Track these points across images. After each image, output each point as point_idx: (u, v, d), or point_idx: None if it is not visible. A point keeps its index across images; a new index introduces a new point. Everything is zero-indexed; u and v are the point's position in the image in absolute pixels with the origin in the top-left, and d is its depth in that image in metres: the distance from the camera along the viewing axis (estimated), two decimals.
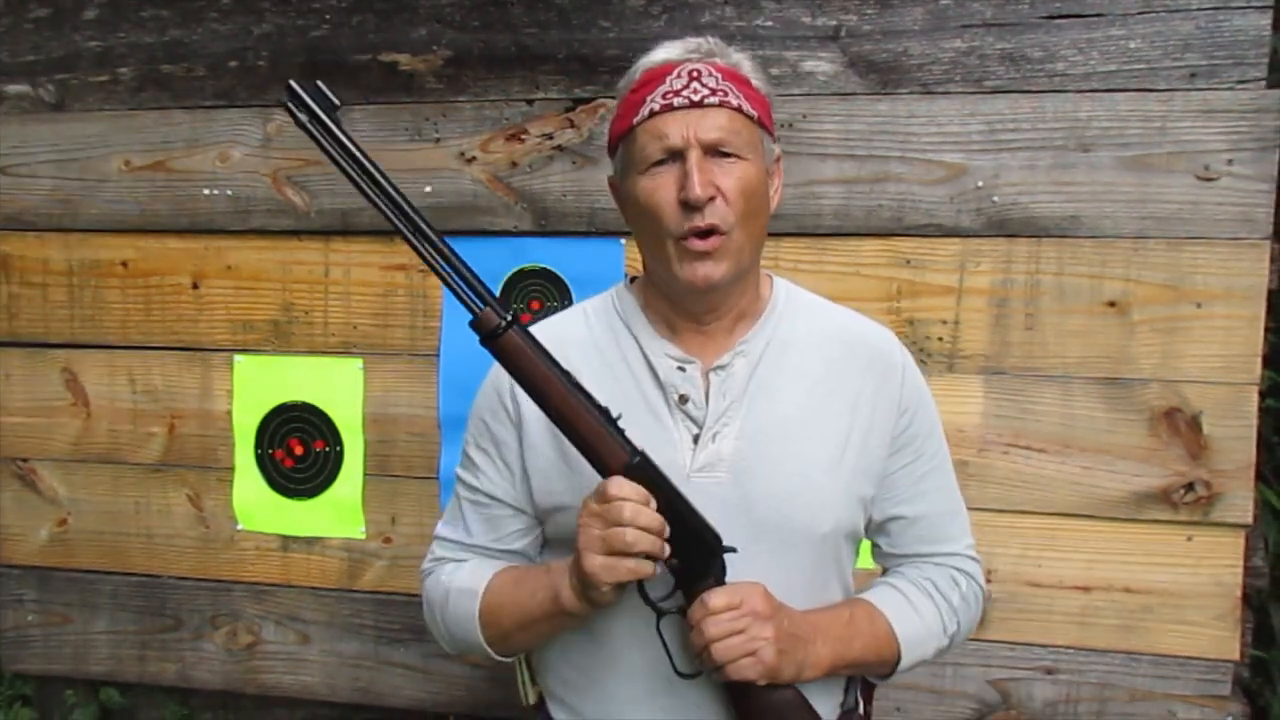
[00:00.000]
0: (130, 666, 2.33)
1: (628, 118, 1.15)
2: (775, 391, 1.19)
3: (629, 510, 1.03)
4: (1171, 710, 1.88)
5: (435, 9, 2.05)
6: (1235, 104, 1.76)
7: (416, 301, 2.09)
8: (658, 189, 1.12)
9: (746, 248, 1.15)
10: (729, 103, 1.11)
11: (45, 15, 2.23)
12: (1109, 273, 1.83)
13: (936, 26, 1.87)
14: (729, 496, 1.15)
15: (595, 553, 1.04)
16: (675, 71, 1.12)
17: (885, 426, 1.22)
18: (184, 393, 2.22)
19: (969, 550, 1.30)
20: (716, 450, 1.17)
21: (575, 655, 1.23)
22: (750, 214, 1.13)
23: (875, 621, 1.20)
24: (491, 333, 1.07)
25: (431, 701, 2.19)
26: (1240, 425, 1.81)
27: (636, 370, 1.21)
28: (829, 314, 1.28)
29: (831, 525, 1.18)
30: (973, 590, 1.29)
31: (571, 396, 1.06)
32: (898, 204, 1.89)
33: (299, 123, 1.05)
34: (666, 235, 1.12)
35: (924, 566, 1.28)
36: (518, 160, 2.03)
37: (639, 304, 1.24)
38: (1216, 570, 1.83)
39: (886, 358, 1.24)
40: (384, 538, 2.16)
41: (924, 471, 1.26)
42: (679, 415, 1.18)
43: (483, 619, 1.19)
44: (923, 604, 1.24)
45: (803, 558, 1.18)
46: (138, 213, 2.20)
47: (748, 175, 1.12)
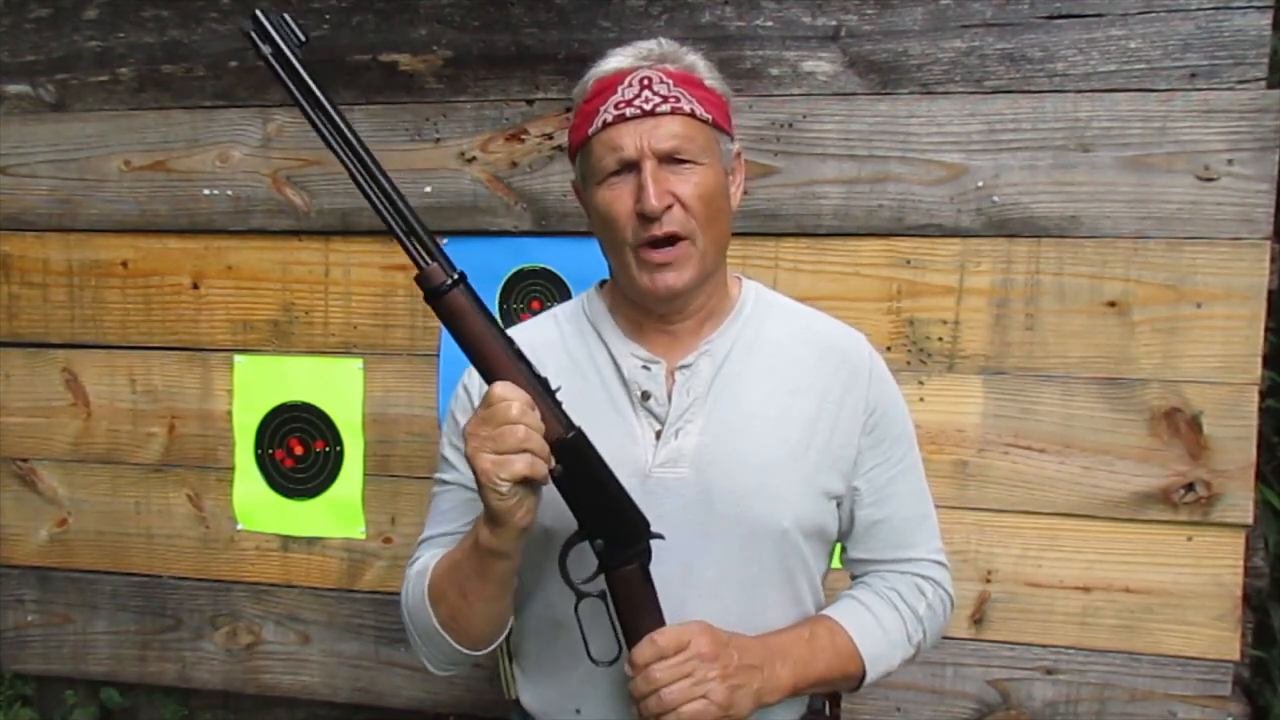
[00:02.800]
0: (130, 666, 2.33)
1: (583, 129, 1.16)
2: (740, 390, 1.20)
3: (515, 408, 1.00)
4: (1171, 710, 1.88)
5: (435, 9, 2.05)
6: (1235, 104, 1.76)
7: (416, 301, 2.08)
8: (614, 200, 1.13)
9: (710, 252, 1.15)
10: (681, 109, 1.12)
11: (45, 15, 2.23)
12: (1109, 273, 1.83)
13: (936, 26, 1.86)
14: (689, 491, 1.16)
15: (484, 453, 1.00)
16: (626, 80, 1.12)
17: (852, 426, 1.22)
18: (184, 393, 2.22)
19: (936, 554, 1.30)
20: (679, 446, 1.17)
21: (542, 639, 1.24)
22: (710, 218, 1.14)
23: (837, 637, 1.20)
24: (435, 290, 1.03)
25: (431, 701, 2.19)
26: (1240, 425, 1.80)
27: (603, 370, 1.22)
28: (799, 316, 1.29)
29: (791, 520, 1.18)
30: (939, 597, 1.29)
31: (511, 365, 1.03)
32: (898, 204, 1.89)
33: (260, 55, 1.02)
34: (625, 245, 1.14)
35: (889, 576, 1.28)
36: (518, 160, 2.03)
37: (607, 306, 1.26)
38: (1216, 570, 1.83)
39: (854, 359, 1.25)
40: (384, 538, 2.16)
41: (892, 475, 1.26)
42: (642, 412, 1.19)
43: (431, 594, 1.17)
44: (886, 615, 1.24)
45: (764, 553, 1.18)
46: (138, 213, 2.20)
47: (705, 181, 1.13)
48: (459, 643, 1.17)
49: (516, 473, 0.99)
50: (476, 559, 1.09)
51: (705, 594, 1.16)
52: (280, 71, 1.02)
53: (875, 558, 1.28)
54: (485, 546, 1.07)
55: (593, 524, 1.08)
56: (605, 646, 1.12)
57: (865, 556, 1.29)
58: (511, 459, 0.99)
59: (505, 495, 1.00)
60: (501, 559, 1.08)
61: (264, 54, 1.02)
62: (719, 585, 1.17)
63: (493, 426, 1.00)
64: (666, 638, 1.07)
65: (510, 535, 1.05)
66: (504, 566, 1.10)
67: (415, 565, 1.24)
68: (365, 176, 1.04)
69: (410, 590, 1.21)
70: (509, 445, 0.99)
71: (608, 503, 1.07)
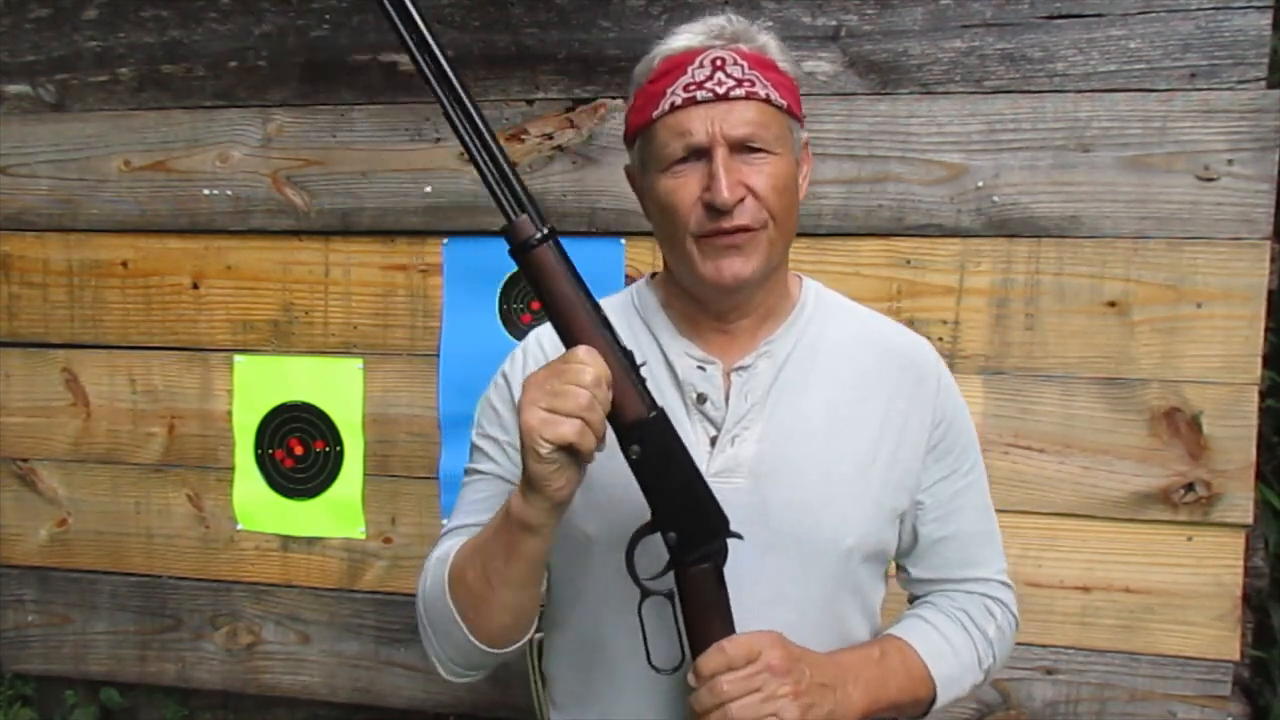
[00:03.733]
0: (130, 666, 2.33)
1: (646, 111, 1.06)
2: (801, 395, 1.12)
3: (590, 374, 0.91)
4: (1171, 710, 1.88)
5: (435, 9, 2.05)
6: (1235, 104, 1.76)
7: (416, 301, 2.09)
8: (679, 188, 1.05)
9: (779, 244, 1.08)
10: (756, 94, 1.03)
11: (45, 15, 2.23)
12: (1109, 273, 1.83)
13: (936, 26, 1.86)
14: (746, 503, 1.07)
15: (538, 406, 0.91)
16: (697, 60, 1.04)
17: (919, 439, 1.15)
18: (184, 393, 2.22)
19: (1002, 575, 1.23)
20: (735, 454, 1.10)
21: (577, 663, 1.17)
22: (783, 211, 1.07)
23: (908, 659, 1.12)
24: (524, 244, 0.95)
25: (432, 702, 2.19)
26: (1240, 425, 1.80)
27: (654, 368, 1.14)
28: (862, 319, 1.22)
29: (855, 539, 1.11)
30: (1007, 620, 1.22)
31: (597, 333, 0.95)
32: (898, 204, 1.88)
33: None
34: (687, 234, 1.06)
35: (956, 595, 1.20)
36: (518, 160, 2.03)
37: (659, 301, 1.18)
38: (1216, 570, 1.83)
39: (921, 368, 1.18)
40: (384, 538, 2.16)
41: (958, 489, 1.19)
42: (696, 416, 1.12)
43: (451, 580, 1.07)
44: (957, 638, 1.17)
45: (823, 573, 1.11)
46: (138, 213, 2.20)
47: (779, 171, 1.05)
48: (476, 636, 1.06)
49: (562, 435, 0.90)
50: (505, 533, 1.00)
51: (759, 614, 1.06)
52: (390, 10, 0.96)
53: (940, 577, 1.21)
54: (516, 516, 0.97)
55: (667, 515, 0.99)
56: (665, 655, 1.04)
57: (929, 576, 1.21)
58: (561, 421, 0.90)
59: (545, 459, 0.91)
60: (531, 534, 0.98)
61: None
62: (773, 606, 1.09)
63: (559, 382, 0.91)
64: (737, 647, 0.98)
65: (544, 506, 0.95)
66: (533, 544, 0.99)
67: (436, 552, 1.16)
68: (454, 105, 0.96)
69: (428, 577, 1.13)
70: (566, 407, 0.90)
71: (685, 492, 0.99)
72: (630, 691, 1.11)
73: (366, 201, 2.08)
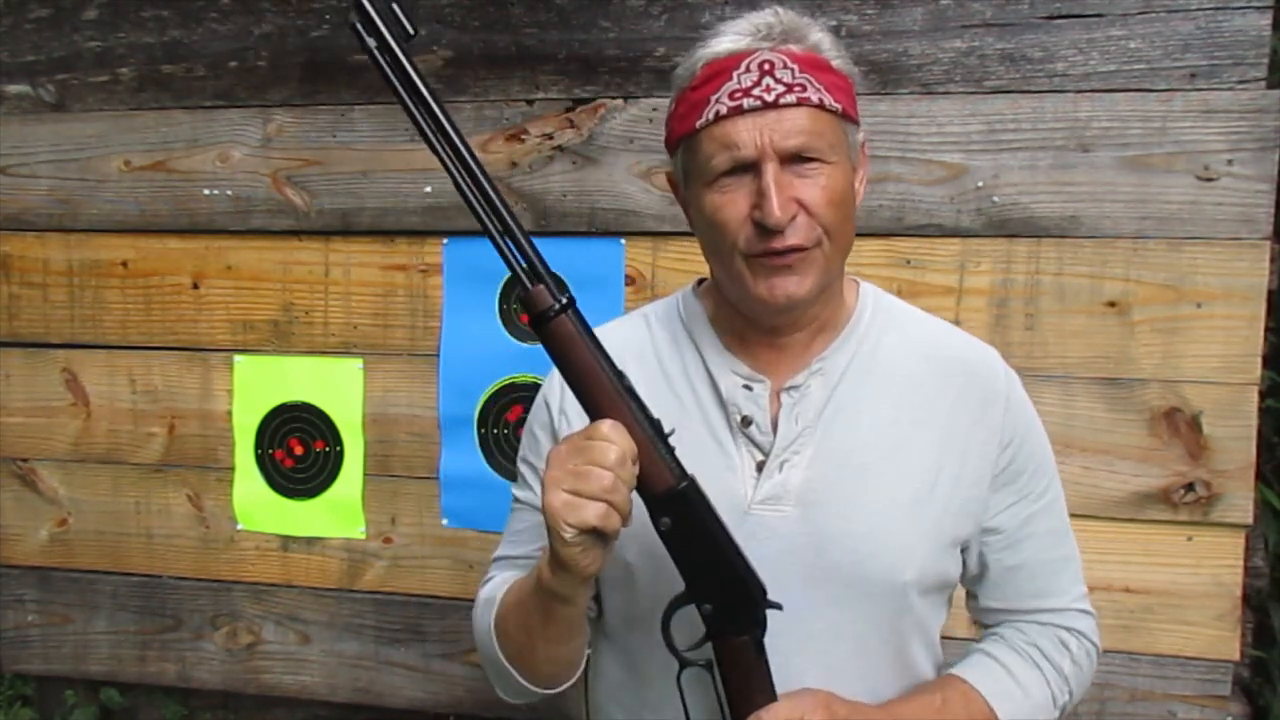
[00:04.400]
0: (130, 666, 2.33)
1: (690, 119, 0.99)
2: (856, 417, 1.05)
3: (615, 454, 0.87)
4: (1171, 710, 1.88)
5: (435, 9, 2.05)
6: (1235, 104, 1.76)
7: (416, 301, 2.09)
8: (726, 204, 0.98)
9: (835, 259, 1.01)
10: (809, 100, 0.96)
11: (45, 15, 2.23)
12: (1109, 273, 1.83)
13: (936, 26, 1.86)
14: (795, 533, 1.02)
15: (561, 488, 0.87)
16: (743, 64, 0.96)
17: (984, 463, 1.07)
18: (184, 393, 2.22)
19: (1080, 603, 1.15)
20: (783, 481, 1.03)
21: (621, 694, 1.14)
22: (839, 224, 0.99)
23: (971, 704, 1.06)
24: (541, 315, 0.91)
25: (432, 702, 2.19)
26: (1240, 425, 1.80)
27: (698, 387, 1.08)
28: (923, 327, 1.13)
29: (915, 573, 1.03)
30: (1084, 650, 1.14)
31: (621, 403, 0.91)
32: (898, 204, 1.88)
33: (365, 48, 0.90)
34: (738, 253, 0.99)
35: (1027, 629, 1.13)
36: (518, 160, 2.03)
37: (706, 312, 1.11)
38: (1216, 570, 1.83)
39: (987, 383, 1.10)
40: (384, 538, 2.16)
41: (1030, 513, 1.11)
42: (741, 440, 1.05)
43: (497, 627, 1.06)
44: (1027, 676, 1.10)
45: (879, 609, 1.04)
46: (138, 213, 2.20)
47: (834, 182, 0.98)
48: (527, 680, 1.06)
49: (585, 520, 0.87)
50: (539, 599, 0.97)
51: (809, 650, 1.03)
52: (387, 69, 0.90)
53: (1011, 607, 1.14)
54: (547, 588, 0.95)
55: (701, 587, 0.95)
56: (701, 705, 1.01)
57: (1000, 606, 1.14)
58: (584, 505, 0.87)
59: (569, 542, 0.88)
60: (563, 604, 0.96)
61: (369, 47, 0.89)
62: (825, 642, 1.03)
63: (581, 461, 0.87)
64: (775, 715, 0.94)
65: (572, 582, 0.93)
66: (567, 611, 0.97)
67: (485, 590, 1.14)
68: (470, 185, 0.93)
69: (478, 618, 1.12)
70: (590, 490, 0.86)
71: (720, 564, 0.94)
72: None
73: (366, 201, 2.08)
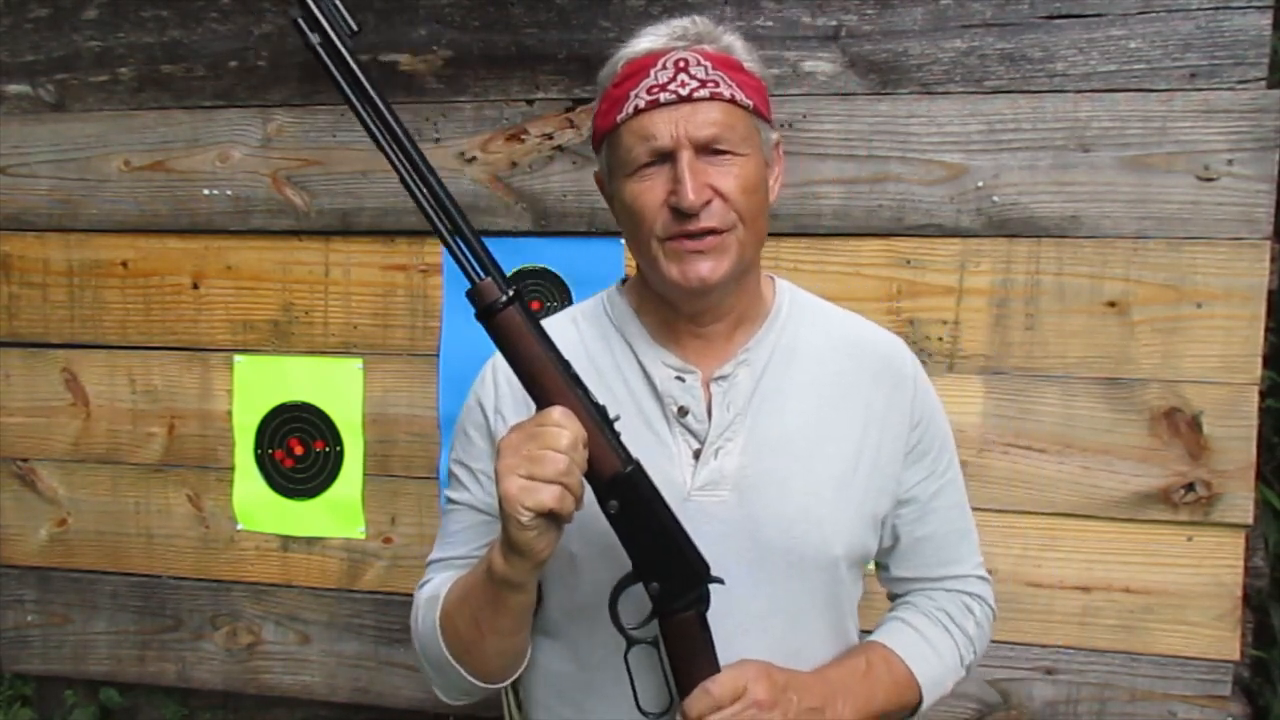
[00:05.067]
0: (130, 666, 2.33)
1: (611, 115, 1.05)
2: (782, 403, 1.11)
3: (566, 438, 0.90)
4: (1171, 710, 1.88)
5: (435, 9, 2.05)
6: (1235, 104, 1.76)
7: (416, 301, 2.09)
8: (645, 192, 1.04)
9: (749, 246, 1.06)
10: (721, 95, 1.01)
11: (45, 15, 2.23)
12: (1109, 273, 1.83)
13: (936, 26, 1.86)
14: (732, 516, 1.08)
15: (517, 474, 0.90)
16: (660, 62, 1.02)
17: (898, 442, 1.16)
18: (184, 393, 2.22)
19: (979, 570, 1.26)
20: (719, 467, 1.09)
21: (565, 686, 1.16)
22: (752, 213, 1.05)
23: (894, 667, 1.14)
24: (489, 307, 0.94)
25: (431, 702, 2.17)
26: (1240, 425, 1.80)
27: (631, 381, 1.13)
28: (837, 320, 1.21)
29: (844, 548, 1.11)
30: (985, 615, 1.25)
31: (569, 391, 0.94)
32: (898, 204, 1.88)
33: (308, 44, 0.92)
34: (654, 237, 1.05)
35: (935, 595, 1.22)
36: (518, 160, 2.03)
37: (632, 308, 1.16)
38: (1216, 570, 1.83)
39: (898, 369, 1.18)
40: (384, 538, 2.16)
41: (936, 488, 1.20)
42: (678, 429, 1.10)
43: (442, 624, 1.09)
44: (939, 639, 1.19)
45: (814, 583, 1.11)
46: (138, 213, 2.20)
47: (746, 172, 1.03)
48: (472, 675, 1.09)
49: (542, 503, 0.90)
50: (489, 589, 1.00)
51: (751, 628, 1.08)
52: (329, 64, 0.92)
53: (920, 575, 1.23)
54: (499, 576, 0.97)
55: (648, 566, 0.99)
56: (654, 697, 1.05)
57: (909, 575, 1.23)
58: (540, 488, 0.89)
59: (526, 525, 0.91)
60: (515, 591, 1.00)
61: (312, 43, 0.91)
62: (764, 617, 1.09)
63: (535, 447, 0.90)
64: (721, 686, 0.99)
65: (526, 567, 0.96)
66: (518, 599, 1.01)
67: (425, 590, 1.17)
68: (416, 180, 0.96)
69: (420, 618, 1.14)
70: (545, 473, 0.89)
71: (665, 543, 0.98)
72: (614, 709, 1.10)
73: (366, 201, 2.08)
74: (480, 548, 1.15)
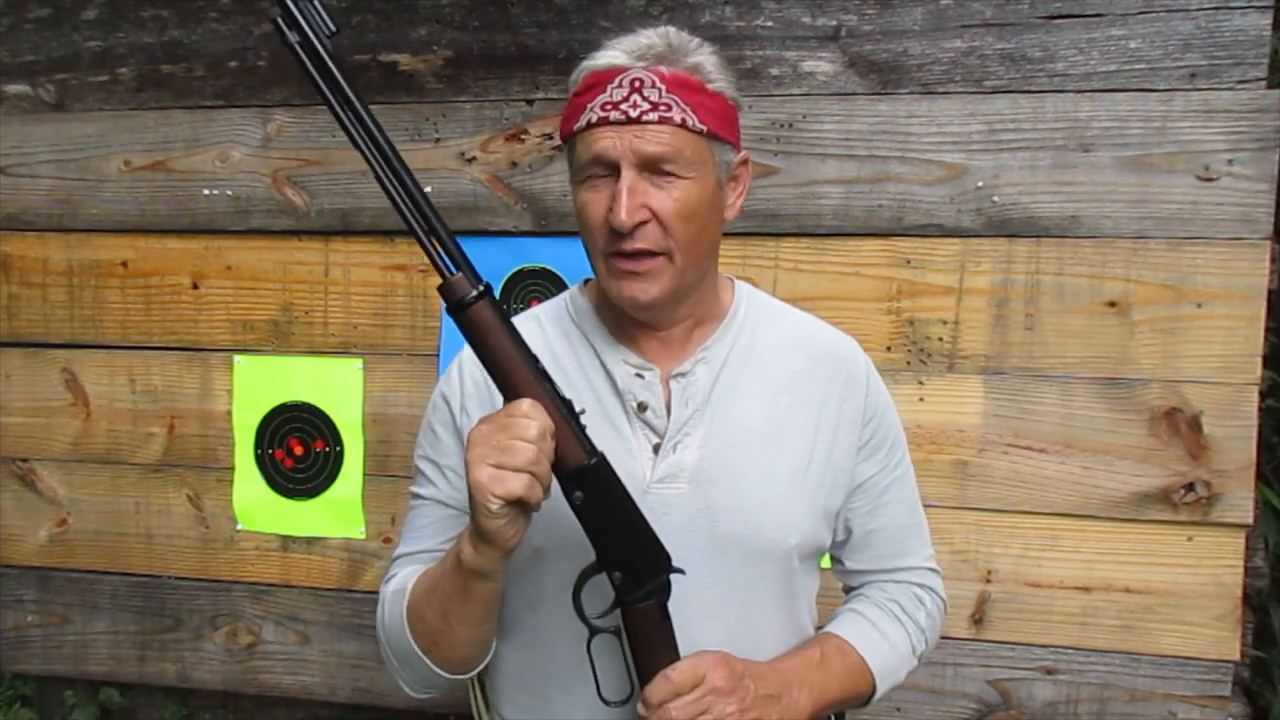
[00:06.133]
0: (130, 666, 2.33)
1: (570, 122, 1.08)
2: (739, 400, 1.15)
3: (535, 429, 0.93)
4: (1171, 711, 1.88)
5: (435, 9, 2.05)
6: (1235, 104, 1.76)
7: (416, 301, 2.09)
8: (590, 204, 1.07)
9: (688, 268, 1.08)
10: (670, 119, 1.03)
11: (45, 15, 2.23)
12: (1109, 273, 1.83)
13: (936, 26, 1.86)
14: (690, 509, 1.11)
15: (486, 463, 0.92)
16: (617, 80, 1.05)
17: (851, 438, 1.19)
18: (184, 393, 2.22)
19: (929, 562, 1.29)
20: (678, 460, 1.12)
21: (528, 678, 1.18)
22: (690, 237, 1.06)
23: (847, 656, 1.17)
24: (460, 302, 0.98)
25: (431, 702, 2.18)
26: (1240, 425, 1.80)
27: (593, 378, 1.16)
28: (793, 321, 1.25)
29: (798, 539, 1.14)
30: (936, 605, 1.28)
31: (537, 384, 0.97)
32: (898, 204, 1.89)
33: (286, 43, 0.94)
34: (597, 251, 1.08)
35: (887, 586, 1.26)
36: (518, 160, 2.03)
37: (592, 306, 1.20)
38: (1216, 570, 1.83)
39: (851, 368, 1.21)
40: (384, 538, 2.16)
41: (886, 483, 1.23)
42: (638, 424, 1.13)
43: (409, 616, 1.10)
44: (891, 629, 1.22)
45: (769, 573, 1.14)
46: (138, 213, 2.20)
47: (687, 196, 1.05)
48: (440, 666, 1.11)
49: (511, 491, 0.92)
50: (458, 578, 1.03)
51: (709, 616, 1.11)
52: (307, 63, 0.94)
53: (872, 568, 1.26)
54: (468, 565, 1.00)
55: (612, 556, 1.02)
56: (615, 686, 1.07)
57: (861, 567, 1.26)
58: (510, 477, 0.92)
59: (495, 514, 0.93)
60: (484, 580, 1.02)
61: (290, 42, 0.93)
62: (721, 607, 1.12)
63: (505, 437, 0.93)
64: (681, 673, 1.01)
65: (494, 556, 0.98)
66: (487, 588, 1.03)
67: (391, 584, 1.18)
68: (391, 177, 0.97)
69: (387, 611, 1.15)
70: (514, 463, 0.92)
71: (629, 534, 1.01)
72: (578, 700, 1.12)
73: (366, 201, 2.08)
74: (446, 542, 1.17)
